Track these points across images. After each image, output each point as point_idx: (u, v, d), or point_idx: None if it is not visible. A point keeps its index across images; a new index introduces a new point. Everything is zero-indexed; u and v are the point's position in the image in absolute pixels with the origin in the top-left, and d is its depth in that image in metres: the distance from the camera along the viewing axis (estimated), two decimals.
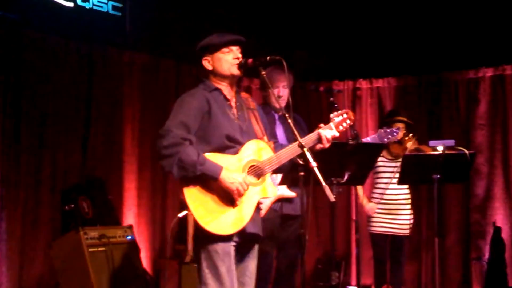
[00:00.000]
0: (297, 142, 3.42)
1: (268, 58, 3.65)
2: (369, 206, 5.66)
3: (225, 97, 3.54)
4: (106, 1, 5.83)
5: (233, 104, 3.57)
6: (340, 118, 3.63)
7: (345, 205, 7.28)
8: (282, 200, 4.44)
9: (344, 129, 3.65)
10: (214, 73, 3.56)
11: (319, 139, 3.56)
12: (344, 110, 3.68)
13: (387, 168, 5.66)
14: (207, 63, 3.57)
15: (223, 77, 3.55)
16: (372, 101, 7.54)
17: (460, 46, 6.95)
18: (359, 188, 5.66)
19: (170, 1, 6.45)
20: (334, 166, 4.14)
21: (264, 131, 3.63)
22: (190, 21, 6.55)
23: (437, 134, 6.81)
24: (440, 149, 4.87)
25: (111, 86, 6.00)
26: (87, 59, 5.83)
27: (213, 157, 3.36)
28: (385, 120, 5.89)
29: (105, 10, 5.82)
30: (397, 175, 5.15)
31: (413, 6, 7.15)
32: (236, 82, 3.64)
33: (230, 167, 3.37)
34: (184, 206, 3.34)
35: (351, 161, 4.24)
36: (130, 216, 6.00)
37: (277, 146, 3.63)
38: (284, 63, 3.54)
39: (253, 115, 3.64)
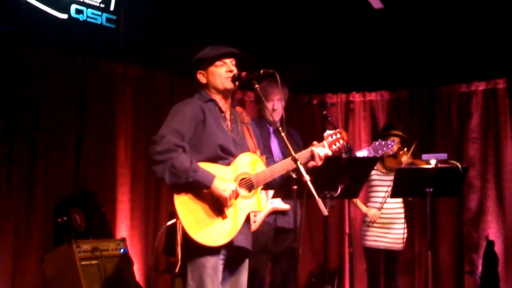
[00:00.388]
0: (290, 157, 3.43)
1: (261, 71, 3.66)
2: (373, 212, 5.64)
3: (220, 108, 3.56)
4: (100, 13, 5.83)
5: (227, 116, 3.59)
6: (334, 137, 3.70)
7: (339, 218, 7.27)
8: (276, 213, 4.44)
9: (337, 149, 3.71)
10: (208, 86, 3.59)
11: (312, 157, 3.60)
12: (337, 130, 3.75)
13: (382, 182, 5.67)
14: (201, 77, 3.59)
15: (217, 90, 3.57)
16: (365, 114, 7.55)
17: (453, 60, 6.98)
18: (357, 200, 5.64)
19: (164, 13, 6.46)
20: (327, 180, 4.14)
21: (257, 145, 3.65)
22: (184, 33, 6.56)
23: (430, 147, 6.83)
24: (433, 162, 4.88)
25: (105, 98, 5.99)
26: (81, 71, 5.82)
27: (206, 166, 3.36)
28: (380, 134, 5.91)
29: (99, 22, 5.82)
30: None
31: (406, 21, 7.19)
32: (230, 95, 3.65)
33: (223, 177, 3.37)
34: (173, 215, 3.33)
35: (344, 175, 4.24)
36: (123, 228, 5.97)
37: (269, 162, 3.65)
38: (278, 77, 3.56)
39: (246, 129, 3.66)
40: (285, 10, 7.36)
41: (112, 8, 5.90)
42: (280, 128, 3.55)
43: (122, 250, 5.28)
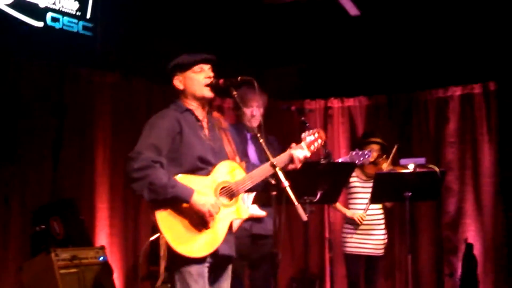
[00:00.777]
0: (269, 162, 3.42)
1: (239, 78, 3.66)
2: (359, 215, 5.64)
3: (196, 117, 3.54)
4: (76, 21, 5.80)
5: (204, 124, 3.56)
6: (312, 137, 3.66)
7: (318, 223, 7.28)
8: (252, 219, 4.43)
9: (316, 149, 3.68)
10: (185, 93, 3.56)
11: (291, 159, 3.58)
12: (315, 130, 3.71)
13: (363, 189, 5.69)
14: (178, 82, 3.56)
15: (194, 97, 3.55)
16: (343, 120, 7.59)
17: (430, 66, 7.05)
18: (338, 205, 5.65)
19: (141, 20, 6.45)
20: (306, 185, 4.16)
21: (236, 151, 3.63)
22: (162, 40, 6.55)
23: (408, 152, 6.88)
24: (411, 167, 4.92)
25: (82, 105, 5.96)
26: (58, 79, 5.78)
27: (185, 178, 3.35)
28: (359, 142, 5.96)
29: (76, 30, 5.78)
30: None
31: (383, 27, 7.24)
32: (208, 102, 3.63)
33: (203, 189, 3.36)
34: (156, 229, 3.32)
35: (323, 180, 4.26)
36: (103, 236, 5.93)
37: (249, 166, 3.63)
38: (255, 83, 3.57)
39: (225, 135, 3.64)
40: (263, 17, 7.39)
41: (88, 16, 5.87)
42: (258, 135, 3.52)
43: (101, 258, 5.24)
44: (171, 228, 3.28)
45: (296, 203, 3.33)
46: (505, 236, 6.56)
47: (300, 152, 3.59)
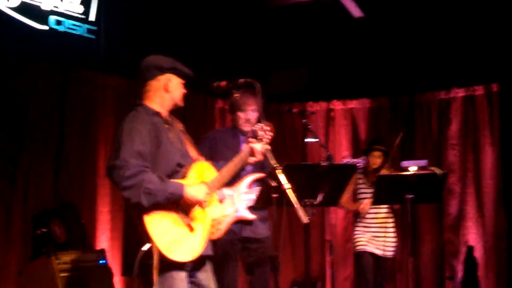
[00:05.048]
0: (236, 157, 3.67)
1: (241, 80, 3.70)
2: (363, 205, 5.67)
3: (164, 120, 3.53)
4: (80, 24, 5.81)
5: (170, 127, 3.57)
6: (262, 131, 3.87)
7: (319, 226, 7.29)
8: (242, 222, 4.43)
9: (269, 140, 3.88)
10: (165, 96, 3.54)
11: (252, 152, 3.77)
12: (263, 123, 3.89)
13: (368, 195, 5.72)
14: (168, 83, 3.53)
15: (171, 103, 3.56)
16: (346, 122, 7.59)
17: (432, 67, 7.05)
18: (343, 202, 5.67)
19: (145, 24, 6.47)
20: (307, 188, 4.15)
21: (197, 150, 3.70)
22: (164, 43, 6.57)
23: (410, 154, 6.89)
24: (412, 169, 4.92)
25: (85, 109, 5.97)
26: (61, 82, 5.80)
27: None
28: (363, 149, 6.01)
29: (79, 33, 5.80)
30: None
31: (385, 29, 7.25)
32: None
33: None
34: (145, 237, 3.28)
35: (324, 183, 4.25)
36: (104, 240, 5.94)
37: (215, 165, 3.71)
38: (258, 86, 3.61)
39: (185, 137, 3.68)
40: (266, 20, 7.40)
41: (92, 18, 5.89)
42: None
43: (102, 262, 5.25)
44: (161, 236, 3.27)
45: (297, 205, 3.36)
46: (506, 239, 6.56)
47: (257, 145, 3.78)
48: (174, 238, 3.31)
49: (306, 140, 6.25)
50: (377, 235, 5.68)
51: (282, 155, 7.33)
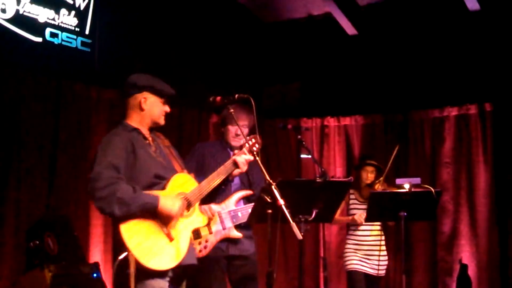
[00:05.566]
0: (217, 171, 3.79)
1: (236, 96, 3.72)
2: (357, 216, 5.65)
3: (144, 136, 3.59)
4: (75, 37, 5.82)
5: (151, 142, 3.63)
6: (250, 143, 4.01)
7: (313, 242, 7.28)
8: (228, 240, 4.43)
9: (256, 152, 3.98)
10: (143, 114, 3.60)
11: (236, 164, 3.90)
12: (251, 136, 4.06)
13: (360, 211, 5.70)
14: (144, 102, 3.58)
15: (150, 121, 3.62)
16: (339, 139, 7.61)
17: (426, 86, 7.09)
18: (337, 216, 5.66)
19: (139, 37, 6.48)
20: (302, 204, 4.15)
21: (182, 165, 3.73)
22: (159, 57, 6.58)
23: (404, 172, 6.90)
24: (406, 187, 4.92)
25: (79, 121, 5.96)
26: (55, 94, 5.79)
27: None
28: (355, 164, 5.99)
29: (74, 46, 5.80)
30: None
31: (380, 47, 7.29)
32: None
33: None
34: (121, 246, 3.31)
35: (318, 199, 4.24)
36: (97, 253, 5.91)
37: (197, 178, 3.76)
38: (252, 101, 3.63)
39: (169, 152, 3.72)
40: (261, 35, 7.43)
41: (87, 31, 5.89)
42: (255, 153, 3.75)
43: (95, 275, 5.22)
44: (138, 244, 3.31)
45: (291, 221, 3.35)
46: (499, 257, 6.56)
47: (242, 156, 3.92)
48: (151, 246, 3.34)
49: (300, 156, 6.24)
50: (371, 253, 5.64)
51: (276, 171, 7.36)
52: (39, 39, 5.55)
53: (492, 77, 6.73)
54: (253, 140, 4.02)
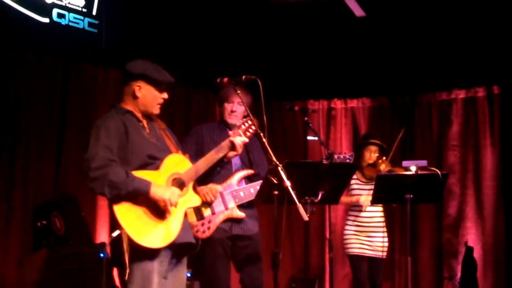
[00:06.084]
0: (214, 149, 3.80)
1: (243, 77, 3.72)
2: (363, 199, 5.64)
3: (137, 118, 3.62)
4: (82, 18, 5.81)
5: (145, 125, 3.65)
6: (246, 125, 4.03)
7: (319, 224, 7.30)
8: (231, 220, 4.44)
9: (251, 135, 4.04)
10: (137, 101, 3.61)
11: (233, 146, 3.94)
12: (246, 118, 4.05)
13: (362, 191, 5.68)
14: (137, 89, 3.59)
15: (144, 109, 3.63)
16: (346, 121, 7.60)
17: (434, 68, 7.05)
18: (343, 198, 5.66)
19: (146, 18, 6.47)
20: (308, 185, 4.16)
21: (177, 147, 3.74)
22: (166, 37, 6.57)
23: (410, 154, 6.89)
24: (413, 169, 4.91)
25: (86, 102, 5.97)
26: (62, 75, 5.79)
27: (138, 174, 3.45)
28: (358, 143, 5.96)
29: (81, 27, 5.80)
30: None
31: (387, 28, 7.25)
32: None
33: (156, 182, 3.47)
34: (115, 224, 3.39)
35: (324, 181, 4.25)
36: (103, 233, 5.93)
37: (192, 159, 3.78)
38: (259, 83, 3.63)
39: (165, 134, 3.74)
40: (267, 17, 7.39)
41: (94, 12, 5.89)
42: (261, 134, 3.72)
43: (101, 255, 5.25)
44: (131, 223, 3.37)
45: (297, 203, 3.36)
46: (505, 240, 6.57)
47: (238, 138, 3.94)
48: (144, 225, 3.40)
49: (307, 138, 6.24)
50: (374, 236, 5.62)
51: (283, 152, 7.36)
52: (46, 20, 5.55)
53: (500, 60, 6.69)
54: (249, 122, 4.02)
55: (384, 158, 5.61)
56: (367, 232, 5.63)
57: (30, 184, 5.47)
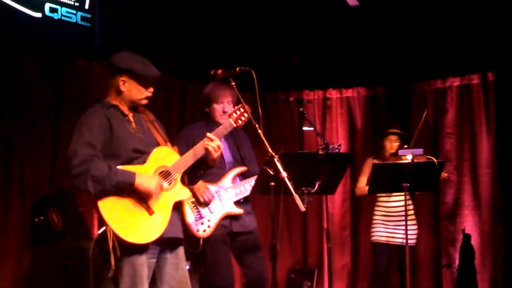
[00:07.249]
0: (198, 145, 3.75)
1: (237, 69, 3.71)
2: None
3: (122, 112, 3.59)
4: (75, 12, 5.78)
5: (131, 118, 3.62)
6: (238, 113, 4.05)
7: (317, 214, 7.30)
8: (230, 217, 4.46)
9: (243, 123, 4.07)
10: (122, 95, 3.59)
11: (208, 152, 3.85)
12: (239, 106, 4.07)
13: None
14: (122, 84, 3.57)
15: (130, 102, 3.61)
16: (342, 111, 7.59)
17: (428, 56, 7.04)
18: (360, 188, 5.64)
19: (139, 13, 6.44)
20: (305, 176, 4.16)
21: (166, 139, 3.73)
22: (160, 32, 6.54)
23: (406, 142, 6.89)
24: (409, 157, 4.92)
25: (80, 96, 5.94)
26: (56, 70, 5.76)
27: (124, 168, 3.44)
28: (379, 133, 5.95)
29: (74, 21, 5.76)
30: None
31: (381, 17, 7.23)
32: None
33: (143, 174, 3.45)
34: (101, 221, 3.37)
35: (321, 171, 4.26)
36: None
37: (181, 151, 3.77)
38: (254, 74, 3.62)
39: (152, 126, 3.71)
40: (261, 7, 7.37)
41: (87, 6, 5.85)
42: (257, 126, 3.71)
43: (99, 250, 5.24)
44: (116, 219, 3.34)
45: (294, 193, 3.36)
46: (502, 227, 6.57)
47: (213, 143, 3.89)
48: (130, 220, 3.37)
49: (303, 128, 6.24)
50: (400, 224, 5.55)
51: (279, 143, 7.36)
52: (39, 15, 5.51)
53: (494, 47, 6.67)
54: (241, 110, 4.04)
55: (405, 147, 5.60)
56: (394, 221, 5.62)
57: (27, 179, 5.45)
